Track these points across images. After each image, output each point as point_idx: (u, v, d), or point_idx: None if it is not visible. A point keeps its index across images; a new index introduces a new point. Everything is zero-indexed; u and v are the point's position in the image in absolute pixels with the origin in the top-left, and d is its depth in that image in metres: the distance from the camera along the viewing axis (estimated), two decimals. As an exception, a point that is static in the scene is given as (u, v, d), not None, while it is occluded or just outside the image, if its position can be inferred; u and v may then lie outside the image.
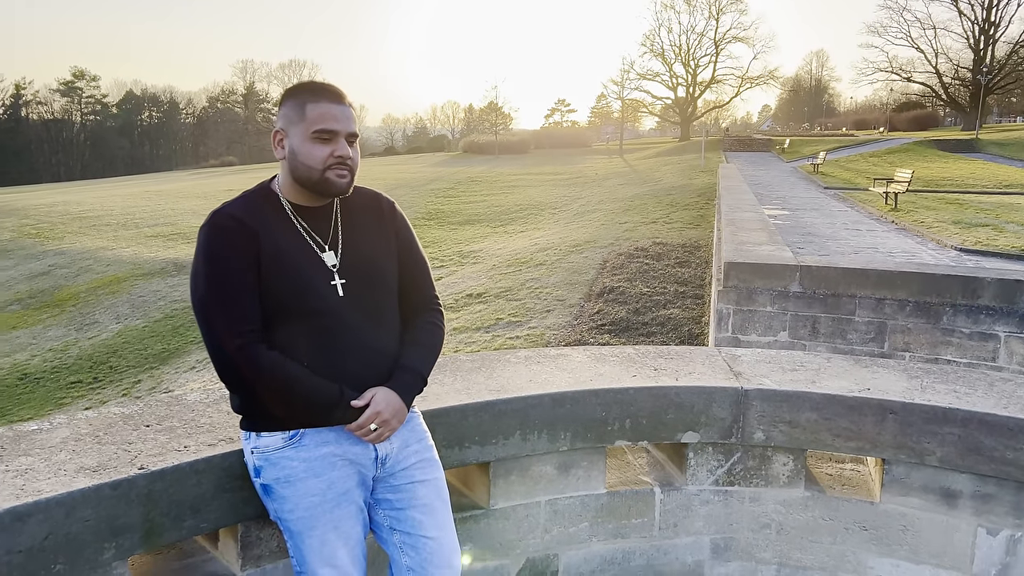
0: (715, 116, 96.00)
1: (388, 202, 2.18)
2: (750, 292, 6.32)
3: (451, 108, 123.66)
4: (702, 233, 19.27)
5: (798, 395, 2.70)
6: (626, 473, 2.93)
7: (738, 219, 9.97)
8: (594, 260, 17.52)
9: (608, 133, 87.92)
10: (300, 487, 1.93)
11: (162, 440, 2.11)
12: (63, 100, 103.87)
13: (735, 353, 3.13)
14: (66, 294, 22.80)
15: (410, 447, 2.08)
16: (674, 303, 14.16)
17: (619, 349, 3.11)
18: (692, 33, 79.63)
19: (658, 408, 2.71)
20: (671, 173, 36.39)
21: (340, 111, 1.94)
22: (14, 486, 1.80)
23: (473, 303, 15.44)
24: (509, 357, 2.98)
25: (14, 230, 31.34)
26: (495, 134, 69.48)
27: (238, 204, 1.96)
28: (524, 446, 2.58)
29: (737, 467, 2.82)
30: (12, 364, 17.86)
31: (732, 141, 55.33)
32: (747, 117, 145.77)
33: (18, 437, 2.08)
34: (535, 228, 24.69)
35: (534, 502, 2.69)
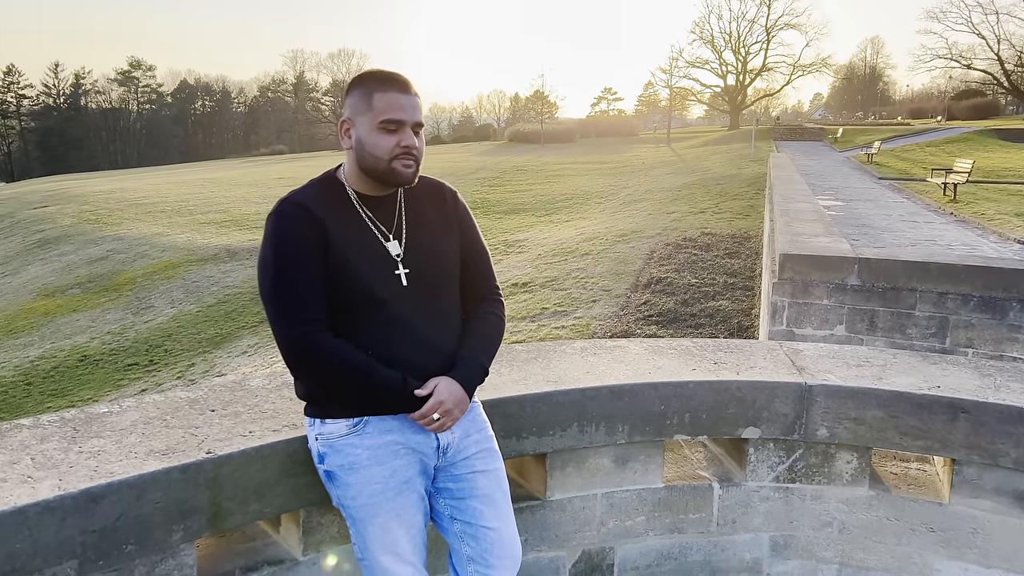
0: (765, 104, 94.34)
1: (451, 191, 2.17)
2: (806, 285, 6.19)
3: (497, 97, 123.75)
4: (752, 223, 18.97)
5: (864, 392, 2.63)
6: (683, 467, 2.89)
7: (792, 210, 9.78)
8: (641, 250, 17.37)
9: (655, 122, 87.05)
10: (363, 474, 1.94)
11: (227, 425, 2.14)
12: (120, 89, 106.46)
13: (797, 347, 3.06)
14: (123, 279, 23.40)
15: (471, 437, 2.08)
16: (723, 295, 13.97)
17: (677, 342, 3.07)
18: (743, 20, 78.22)
19: (718, 402, 2.66)
20: (720, 162, 35.87)
21: (407, 100, 1.94)
22: (88, 467, 1.85)
23: (518, 292, 15.44)
24: (565, 348, 2.96)
25: (74, 216, 32.27)
26: (541, 123, 69.21)
27: (305, 193, 1.97)
28: (581, 438, 2.56)
29: (799, 464, 2.76)
30: (73, 346, 18.41)
31: (783, 130, 54.28)
32: (798, 106, 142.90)
33: (89, 419, 2.13)
34: (581, 217, 24.57)
35: (591, 494, 2.67)
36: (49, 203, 36.89)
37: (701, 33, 78.48)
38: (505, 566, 2.05)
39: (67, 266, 25.63)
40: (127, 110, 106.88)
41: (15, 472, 1.81)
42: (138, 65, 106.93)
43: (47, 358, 17.74)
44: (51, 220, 32.20)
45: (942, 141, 40.65)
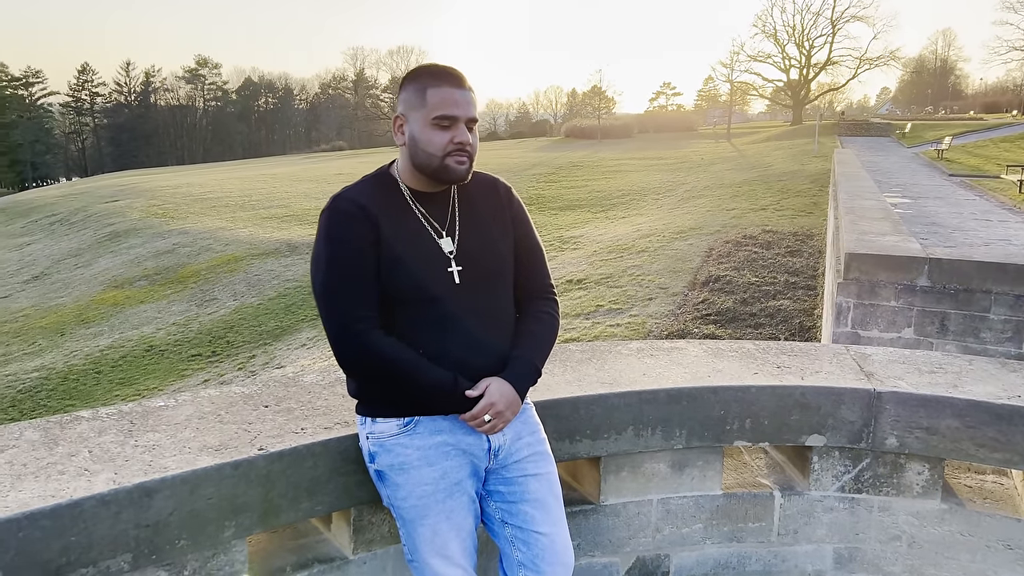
0: (830, 99, 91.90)
1: (505, 187, 2.12)
2: (872, 285, 5.97)
3: (554, 93, 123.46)
4: (815, 221, 18.49)
5: (938, 400, 2.50)
6: (743, 474, 2.79)
7: (858, 207, 9.47)
8: (699, 247, 17.08)
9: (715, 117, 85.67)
10: (414, 475, 1.91)
11: (280, 421, 2.13)
12: (188, 87, 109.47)
13: (865, 352, 2.93)
14: (188, 271, 24.02)
15: (523, 439, 2.03)
16: (784, 294, 13.64)
17: (738, 344, 2.97)
18: (807, 12, 76.53)
19: (781, 408, 2.56)
20: (782, 158, 35.09)
21: (461, 96, 1.90)
22: (142, 461, 1.86)
23: (573, 289, 15.33)
24: (620, 349, 2.89)
25: (143, 210, 33.28)
26: (598, 118, 68.69)
27: (358, 189, 1.94)
28: (637, 442, 2.50)
29: (866, 474, 2.64)
30: (140, 336, 18.99)
31: (848, 125, 52.86)
32: (864, 100, 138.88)
33: (146, 413, 2.15)
34: (637, 214, 24.30)
35: (646, 500, 2.60)
36: (119, 197, 38.15)
37: (763, 26, 76.89)
38: (557, 572, 2.00)
39: (135, 259, 26.46)
40: (194, 107, 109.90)
41: (73, 464, 1.83)
42: (205, 63, 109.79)
43: (116, 347, 18.34)
44: (121, 214, 33.28)
45: (1017, 136, 39.02)
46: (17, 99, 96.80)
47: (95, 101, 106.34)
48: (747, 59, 76.83)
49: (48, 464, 1.83)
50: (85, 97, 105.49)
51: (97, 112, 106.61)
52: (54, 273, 27.71)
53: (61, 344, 19.61)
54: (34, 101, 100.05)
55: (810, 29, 76.35)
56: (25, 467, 1.81)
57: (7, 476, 1.76)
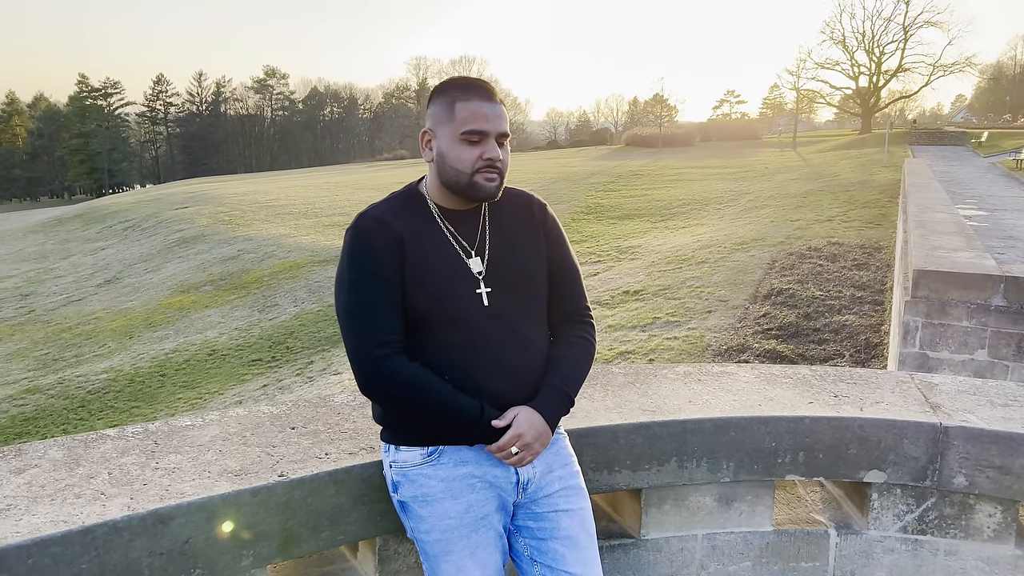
0: (901, 107, 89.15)
1: (540, 204, 2.02)
2: (943, 304, 5.66)
3: (615, 101, 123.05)
4: (883, 233, 17.89)
5: (1012, 437, 2.30)
6: (796, 510, 2.62)
7: (929, 220, 9.06)
8: (761, 259, 16.68)
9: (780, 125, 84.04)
10: (437, 508, 1.82)
11: (305, 445, 2.07)
12: (256, 97, 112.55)
13: (931, 381, 2.73)
14: (252, 277, 24.55)
15: (554, 472, 1.92)
16: (850, 309, 13.20)
17: (792, 369, 2.79)
18: (878, 18, 74.44)
19: (838, 441, 2.39)
20: (849, 168, 34.12)
21: (491, 110, 1.80)
22: (160, 486, 1.81)
23: (629, 300, 15.11)
24: (666, 372, 2.75)
25: (210, 217, 34.19)
26: (659, 127, 68.02)
27: (384, 206, 1.87)
28: (680, 474, 2.35)
29: (930, 514, 2.44)
30: (203, 340, 19.45)
31: (920, 134, 51.16)
32: (938, 108, 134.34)
33: (171, 433, 2.11)
34: (698, 224, 23.88)
35: (690, 535, 2.46)
36: (189, 204, 39.30)
37: (832, 33, 75.16)
38: (588, 616, 1.88)
39: (202, 264, 27.19)
40: (262, 116, 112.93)
41: (90, 487, 1.79)
42: (273, 73, 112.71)
43: (180, 351, 18.82)
44: (190, 220, 34.26)
45: (1104, 146, 37.12)
46: (96, 109, 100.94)
47: (169, 111, 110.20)
48: (814, 66, 75.18)
49: (66, 486, 1.79)
50: (159, 107, 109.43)
51: (170, 121, 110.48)
52: (125, 277, 28.67)
53: (129, 347, 20.23)
54: (112, 111, 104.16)
55: (881, 35, 74.22)
56: (43, 488, 1.78)
57: (24, 498, 1.73)
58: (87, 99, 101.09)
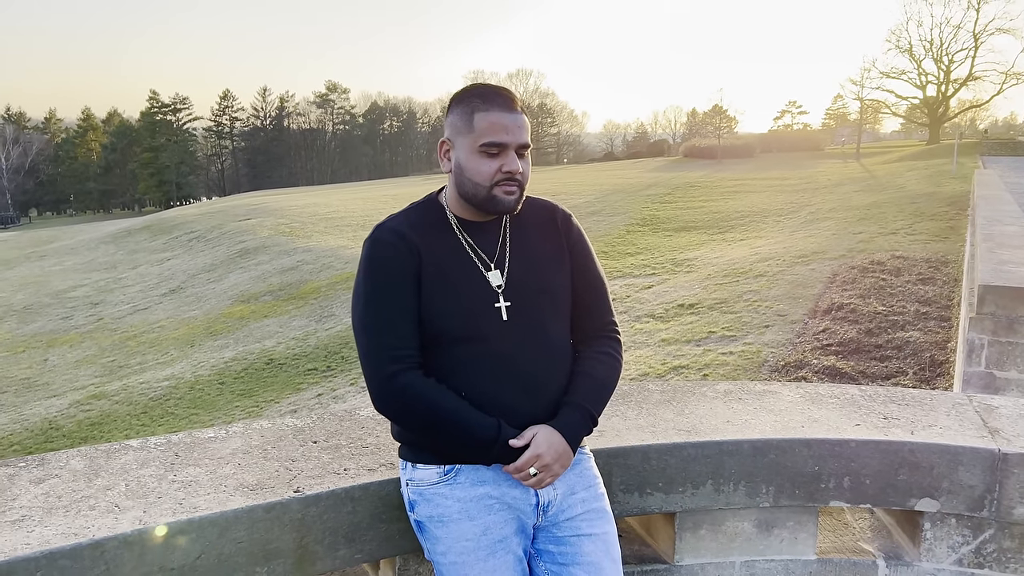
0: (971, 117, 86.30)
1: (564, 215, 1.94)
2: (1011, 321, 5.38)
3: (673, 112, 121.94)
4: (951, 247, 17.24)
5: (1079, 467, 2.13)
6: (842, 537, 2.48)
7: (997, 233, 8.68)
8: (822, 273, 16.23)
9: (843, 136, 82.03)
10: (454, 529, 1.75)
11: (325, 460, 2.03)
12: (318, 111, 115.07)
13: (991, 403, 2.56)
14: (310, 288, 24.95)
15: (576, 495, 1.84)
16: (914, 325, 12.73)
17: (839, 389, 2.65)
18: (947, 26, 72.17)
19: (886, 467, 2.25)
20: (916, 179, 33.09)
21: (511, 120, 1.74)
22: (174, 499, 1.79)
23: (684, 314, 14.85)
24: (705, 390, 2.64)
25: (272, 228, 34.96)
26: (718, 138, 67.11)
27: (402, 217, 1.82)
28: (717, 498, 2.24)
29: (988, 546, 2.28)
30: (261, 350, 19.82)
31: (991, 144, 49.39)
32: (1011, 118, 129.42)
33: (193, 445, 2.10)
34: (756, 236, 23.40)
35: (727, 562, 2.34)
36: (252, 216, 40.25)
37: (898, 41, 73.46)
38: (612, 645, 1.79)
39: (262, 274, 27.77)
40: (323, 130, 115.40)
41: (105, 499, 1.78)
42: (334, 88, 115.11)
43: (239, 360, 19.21)
44: (252, 232, 35.08)
45: None
46: (166, 124, 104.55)
47: (234, 125, 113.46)
48: (879, 76, 73.35)
49: (82, 498, 1.78)
50: (225, 121, 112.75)
51: (236, 135, 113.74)
52: (189, 287, 29.47)
53: (190, 355, 20.75)
54: (181, 126, 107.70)
55: (950, 43, 72.14)
56: (59, 500, 1.77)
57: (39, 509, 1.73)
58: (157, 114, 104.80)
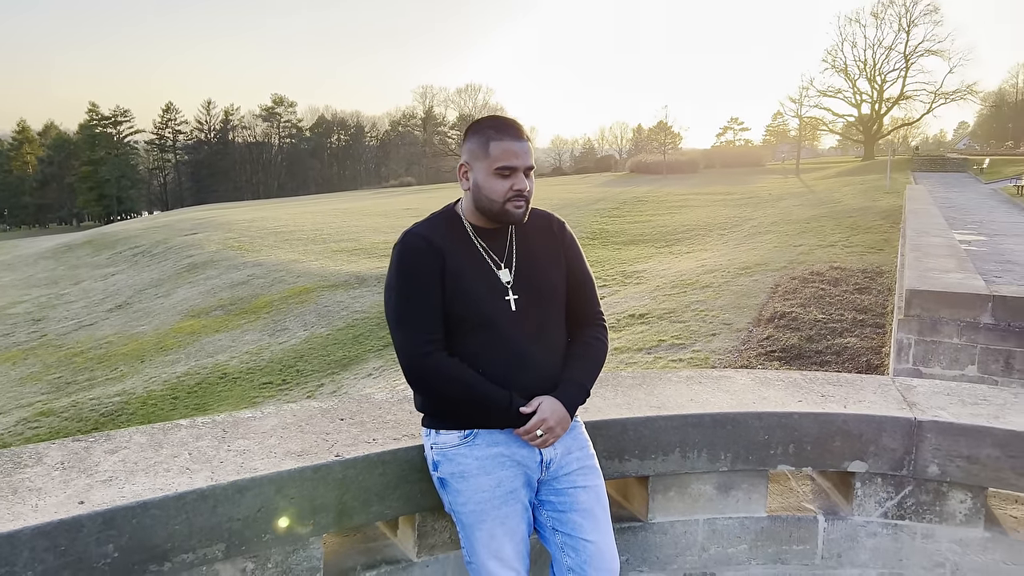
0: (904, 134, 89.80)
1: (559, 222, 2.33)
2: (934, 322, 5.94)
3: (619, 128, 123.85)
4: (885, 258, 18.15)
5: (978, 430, 2.58)
6: (788, 499, 2.90)
7: (924, 244, 9.37)
8: (765, 284, 16.93)
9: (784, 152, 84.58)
10: (472, 482, 2.11)
11: (354, 432, 2.37)
12: (264, 124, 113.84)
13: (910, 383, 3.02)
14: (261, 302, 24.81)
15: (572, 454, 2.21)
16: (851, 331, 13.43)
17: (785, 374, 3.09)
18: (879, 47, 74.95)
19: (824, 435, 2.68)
20: (852, 194, 34.48)
21: (520, 147, 2.12)
22: (235, 464, 2.11)
23: (635, 324, 15.38)
24: (670, 376, 3.04)
25: (220, 243, 34.57)
26: (663, 154, 68.61)
27: (426, 225, 2.18)
28: (683, 463, 2.64)
29: (908, 501, 2.73)
30: (214, 364, 19.71)
31: (922, 160, 51.70)
32: (941, 135, 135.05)
33: (236, 423, 2.41)
34: (702, 249, 24.19)
35: (692, 519, 2.74)
36: (198, 231, 39.72)
37: (833, 61, 75.92)
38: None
39: (212, 289, 27.49)
40: (270, 144, 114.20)
41: (176, 464, 2.09)
42: (281, 102, 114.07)
43: (192, 374, 19.08)
44: (199, 246, 34.63)
45: (1105, 172, 37.46)
46: (106, 137, 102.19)
47: (177, 138, 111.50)
48: (816, 94, 75.86)
49: (155, 463, 2.09)
50: (168, 135, 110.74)
51: (179, 149, 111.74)
52: (136, 303, 28.96)
53: (141, 370, 20.49)
54: (121, 139, 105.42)
55: (882, 64, 75.07)
56: (136, 464, 2.08)
57: (122, 471, 2.03)
58: (97, 127, 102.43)
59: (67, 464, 2.06)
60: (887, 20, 74.30)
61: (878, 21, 74.72)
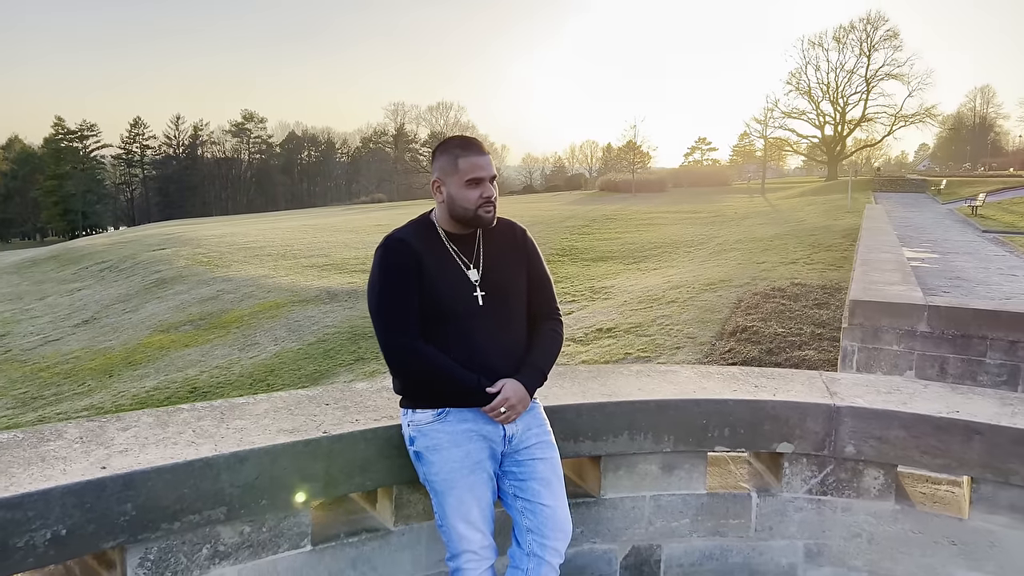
0: (866, 155, 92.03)
1: (520, 229, 2.67)
2: (876, 331, 6.37)
3: (589, 147, 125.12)
4: (844, 275, 18.74)
5: (887, 413, 2.95)
6: (726, 479, 3.25)
7: (873, 260, 9.87)
8: (728, 299, 17.42)
9: (750, 172, 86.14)
10: (444, 454, 2.43)
11: (339, 414, 2.67)
12: (234, 140, 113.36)
13: (835, 376, 3.39)
14: (231, 317, 24.81)
15: (532, 430, 2.54)
16: (810, 345, 13.91)
17: (724, 368, 3.44)
18: (841, 71, 76.97)
19: (755, 419, 3.03)
20: (815, 213, 35.38)
21: (484, 160, 2.46)
22: (235, 438, 2.40)
23: (602, 337, 15.77)
24: (622, 370, 3.38)
25: (188, 258, 34.45)
26: (632, 172, 69.64)
27: (405, 230, 2.50)
28: (631, 444, 2.98)
29: (830, 478, 3.08)
30: (184, 379, 19.70)
31: (883, 181, 53.09)
32: (902, 156, 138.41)
33: (232, 407, 2.70)
34: (669, 266, 24.72)
35: (640, 496, 3.07)
36: (166, 246, 39.48)
37: (797, 84, 77.78)
38: (557, 537, 2.49)
39: (181, 304, 27.40)
40: (239, 159, 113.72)
41: (182, 438, 2.38)
42: (251, 117, 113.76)
43: (161, 389, 19.06)
44: (167, 262, 34.47)
45: (1055, 193, 38.89)
46: (72, 151, 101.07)
47: (145, 153, 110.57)
48: (781, 116, 77.60)
49: (164, 438, 2.37)
50: (136, 149, 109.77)
51: (147, 164, 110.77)
52: (103, 318, 28.75)
53: (109, 385, 20.41)
54: (88, 153, 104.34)
55: (844, 87, 77.05)
56: (147, 439, 2.36)
57: (135, 444, 2.31)
58: (63, 141, 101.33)
59: (85, 439, 2.34)
60: (848, 44, 76.40)
61: (840, 45, 76.78)
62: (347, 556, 2.61)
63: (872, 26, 74.69)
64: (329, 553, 2.58)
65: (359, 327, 20.80)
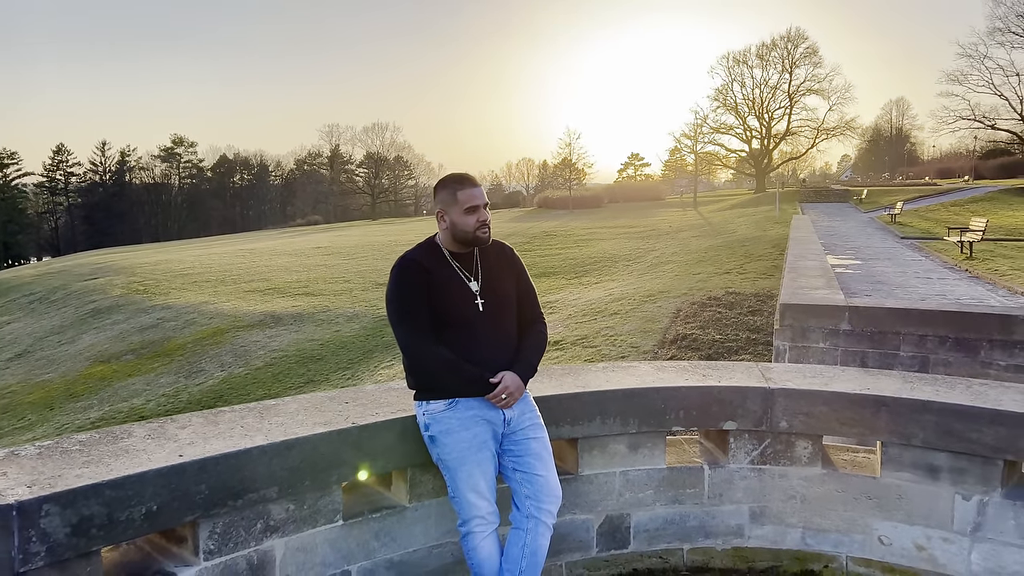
0: (792, 167, 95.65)
1: (510, 248, 3.21)
2: (804, 330, 7.08)
3: (526, 165, 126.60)
4: (775, 283, 19.75)
5: (813, 393, 3.56)
6: (682, 456, 3.82)
7: (800, 267, 10.71)
8: (668, 309, 18.20)
9: (682, 186, 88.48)
10: (455, 436, 2.93)
11: (359, 409, 3.14)
12: (163, 165, 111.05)
13: (769, 366, 4.00)
14: (174, 345, 24.56)
15: (525, 415, 3.06)
16: (746, 349, 14.73)
17: (677, 363, 4.02)
18: (765, 87, 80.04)
19: (705, 402, 3.61)
20: (745, 225, 36.81)
21: (478, 191, 3.00)
22: (279, 431, 2.85)
23: (551, 350, 16.35)
24: (591, 368, 3.93)
25: (124, 287, 33.82)
26: (569, 189, 70.99)
27: (416, 251, 3.02)
28: (603, 428, 3.52)
29: (768, 450, 3.67)
30: (130, 408, 19.51)
31: (809, 192, 55.40)
32: (826, 167, 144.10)
33: (266, 408, 3.15)
34: (609, 279, 25.53)
35: (611, 472, 3.61)
36: (98, 275, 38.63)
37: (724, 100, 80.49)
38: (551, 501, 3.02)
39: (120, 334, 26.93)
40: (169, 184, 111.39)
41: (236, 432, 2.82)
42: (180, 141, 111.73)
43: (106, 419, 18.83)
44: (102, 291, 33.76)
45: (967, 200, 41.37)
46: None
47: (70, 181, 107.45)
48: (710, 131, 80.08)
49: (219, 432, 2.81)
50: (60, 177, 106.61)
51: (71, 191, 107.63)
52: (38, 350, 28.04)
53: (51, 418, 20.04)
54: (8, 182, 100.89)
55: (769, 102, 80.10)
56: (206, 434, 2.79)
57: (199, 438, 2.74)
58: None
59: (153, 435, 2.76)
60: (771, 61, 79.54)
61: (763, 63, 79.84)
62: (371, 529, 3.08)
63: (792, 43, 78.11)
64: (357, 527, 3.04)
65: (307, 350, 20.94)
